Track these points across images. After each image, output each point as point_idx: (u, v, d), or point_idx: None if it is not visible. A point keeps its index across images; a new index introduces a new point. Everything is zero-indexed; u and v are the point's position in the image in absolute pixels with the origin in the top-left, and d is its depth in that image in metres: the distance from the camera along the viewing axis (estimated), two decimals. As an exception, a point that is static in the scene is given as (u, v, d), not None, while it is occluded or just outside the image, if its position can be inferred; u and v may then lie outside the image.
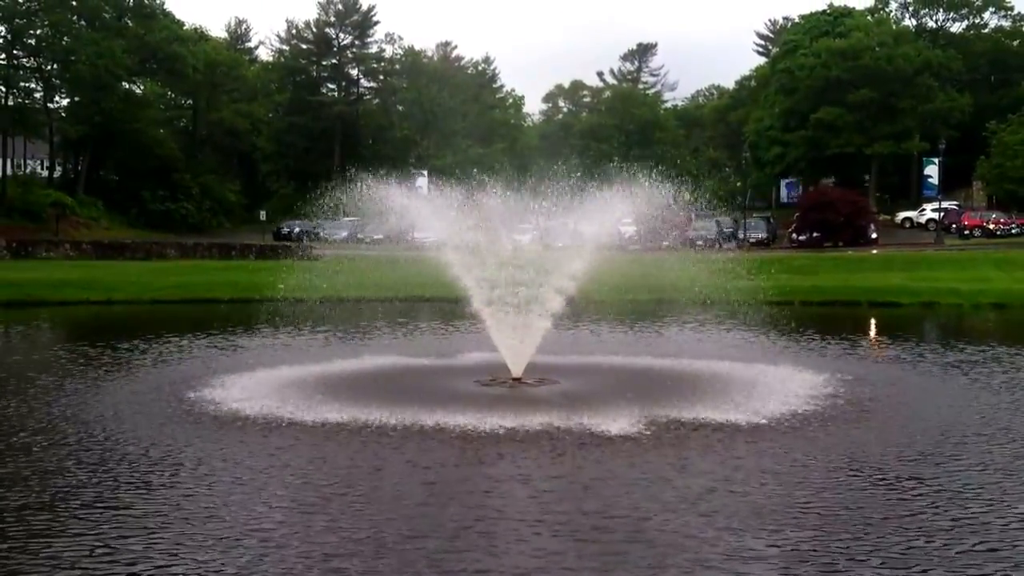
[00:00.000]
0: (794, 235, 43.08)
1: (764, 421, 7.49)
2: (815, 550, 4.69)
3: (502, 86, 75.08)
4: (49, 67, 48.38)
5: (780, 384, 9.10)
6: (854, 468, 6.24)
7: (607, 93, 75.31)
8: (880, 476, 6.06)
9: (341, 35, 66.07)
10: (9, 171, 48.45)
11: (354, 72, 67.02)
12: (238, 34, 72.67)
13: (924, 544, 4.79)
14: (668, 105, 78.97)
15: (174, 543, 4.80)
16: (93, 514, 5.31)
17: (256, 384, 9.15)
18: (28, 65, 48.50)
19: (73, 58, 46.02)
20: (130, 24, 51.13)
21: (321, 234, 34.51)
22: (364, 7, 65.73)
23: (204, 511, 5.36)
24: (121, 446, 6.93)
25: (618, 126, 67.16)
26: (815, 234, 41.44)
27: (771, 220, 48.15)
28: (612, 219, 10.68)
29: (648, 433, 7.08)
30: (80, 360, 11.47)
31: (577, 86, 76.74)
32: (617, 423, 7.25)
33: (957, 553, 4.65)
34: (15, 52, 47.44)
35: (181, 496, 5.66)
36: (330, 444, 6.88)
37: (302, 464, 6.33)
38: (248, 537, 4.89)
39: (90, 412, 8.15)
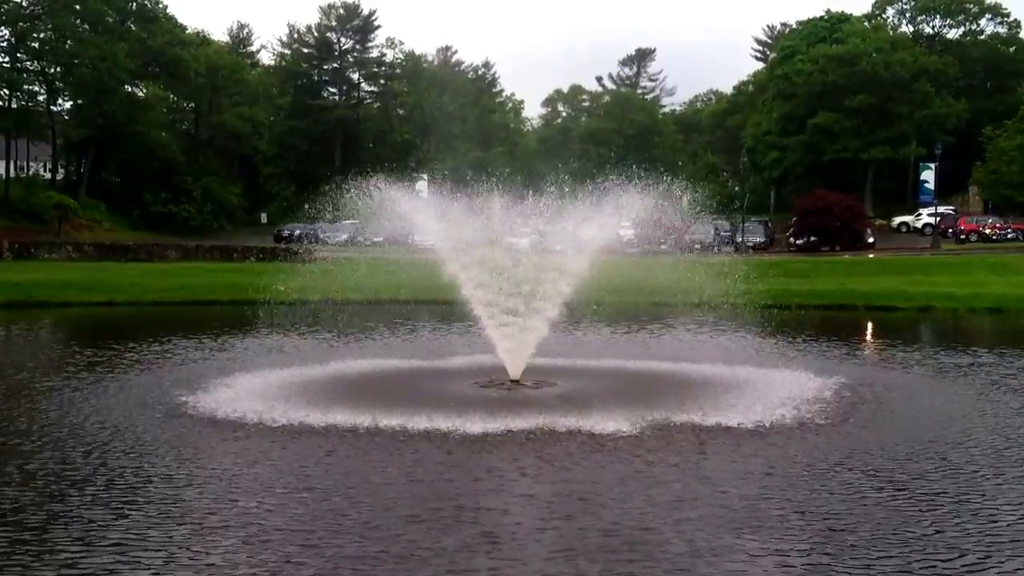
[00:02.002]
0: (791, 239, 43.33)
1: (765, 425, 7.46)
2: (833, 569, 4.42)
3: (502, 90, 75.49)
4: (52, 70, 48.53)
5: (780, 387, 9.09)
6: (868, 476, 6.06)
7: (606, 98, 75.56)
8: (895, 485, 5.87)
9: (342, 39, 66.30)
10: (12, 173, 48.57)
11: (355, 76, 67.23)
12: (240, 38, 72.89)
13: (953, 560, 4.54)
14: (666, 110, 79.22)
15: (160, 561, 4.55)
16: (58, 529, 5.04)
17: (252, 387, 9.10)
18: (31, 68, 48.63)
19: (76, 61, 46.17)
20: (133, 28, 51.33)
21: (321, 237, 34.64)
22: (365, 12, 66.01)
23: (192, 522, 5.11)
24: (108, 452, 6.73)
25: (617, 130, 67.39)
26: (812, 238, 41.69)
27: (769, 224, 48.39)
28: (611, 223, 10.81)
29: (646, 436, 7.05)
30: (76, 361, 11.47)
31: (576, 91, 76.98)
32: (614, 426, 7.25)
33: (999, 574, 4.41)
34: (19, 55, 47.59)
35: (168, 506, 5.43)
36: (326, 448, 6.73)
37: (294, 471, 6.12)
38: (238, 550, 4.67)
39: (79, 414, 8.05)
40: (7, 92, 46.76)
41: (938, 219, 44.54)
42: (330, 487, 5.85)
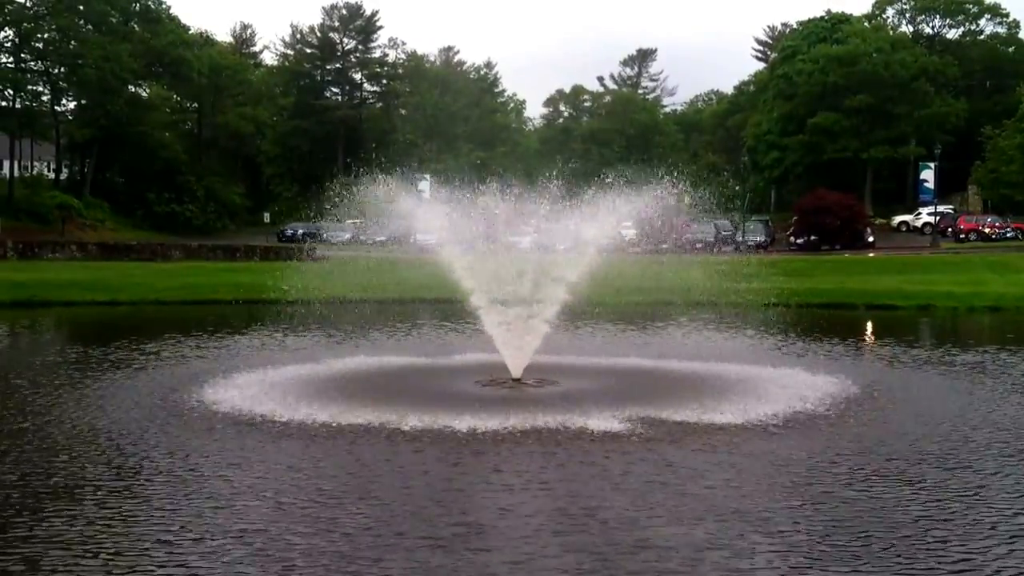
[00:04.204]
0: (792, 238, 43.49)
1: (768, 424, 7.34)
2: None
3: (503, 91, 75.69)
4: (56, 70, 48.73)
5: (782, 386, 9.03)
6: (902, 483, 5.82)
7: (607, 98, 75.61)
8: (931, 492, 5.61)
9: (345, 40, 66.54)
10: (16, 173, 48.76)
11: (357, 76, 67.47)
12: (243, 38, 73.17)
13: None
14: (667, 110, 79.38)
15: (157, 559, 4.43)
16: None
17: (255, 385, 9.05)
18: (35, 68, 48.86)
19: (80, 62, 46.37)
20: (136, 28, 51.55)
21: (324, 236, 34.77)
22: (368, 12, 66.25)
23: (185, 522, 4.98)
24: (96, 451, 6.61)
25: (618, 131, 67.55)
26: (812, 237, 41.84)
27: (769, 223, 48.54)
28: (612, 222, 10.80)
29: (648, 435, 6.96)
30: (75, 361, 11.45)
31: (578, 91, 77.02)
32: (616, 425, 7.18)
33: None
34: (23, 55, 47.80)
35: (164, 503, 5.34)
36: (325, 446, 6.65)
37: (281, 473, 5.96)
38: (231, 556, 4.51)
39: (74, 414, 7.91)
40: (11, 92, 47.01)
41: (937, 218, 44.65)
42: (317, 492, 5.59)
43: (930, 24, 59.60)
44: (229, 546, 4.69)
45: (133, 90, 52.41)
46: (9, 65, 47.19)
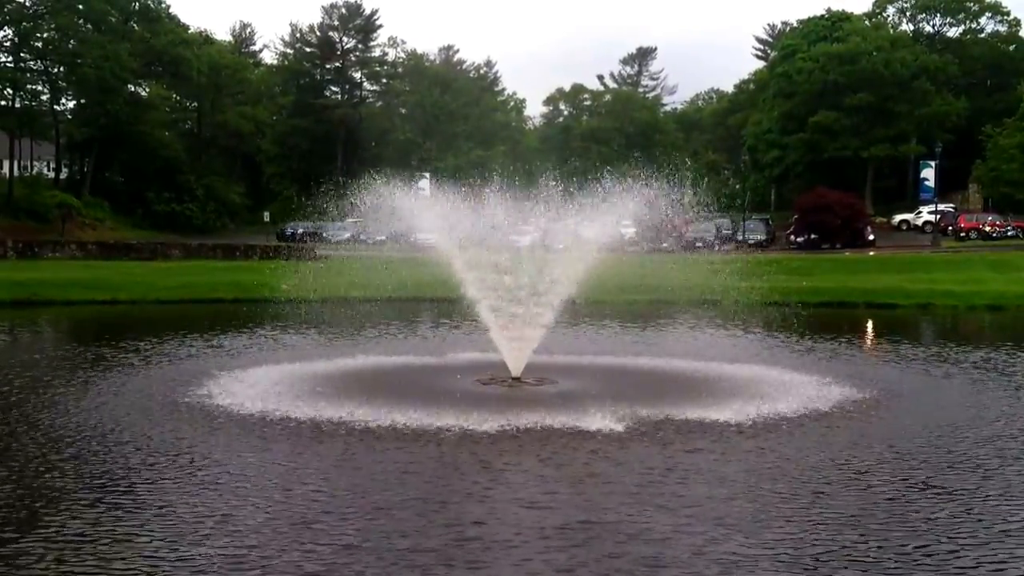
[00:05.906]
0: (792, 237, 43.45)
1: (779, 425, 7.26)
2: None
3: (503, 89, 75.54)
4: (56, 70, 48.73)
5: (783, 385, 8.97)
6: (903, 482, 5.73)
7: (607, 96, 75.55)
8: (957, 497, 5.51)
9: (345, 39, 66.53)
10: (16, 172, 48.76)
11: (357, 75, 67.47)
12: (243, 37, 73.11)
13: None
14: (667, 108, 79.35)
15: (159, 553, 4.43)
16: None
17: (255, 382, 9.08)
18: (35, 68, 48.86)
19: (79, 61, 46.36)
20: (136, 27, 51.54)
21: (324, 235, 34.73)
22: (367, 11, 66.24)
23: (175, 531, 4.88)
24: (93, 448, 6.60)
25: (618, 129, 67.52)
26: (813, 236, 41.81)
27: (769, 222, 48.52)
28: (612, 221, 10.78)
29: (648, 434, 6.92)
30: (74, 360, 11.44)
31: (578, 89, 76.95)
32: (615, 424, 7.16)
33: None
34: (22, 55, 47.79)
35: (155, 511, 5.24)
36: (321, 448, 6.59)
37: (274, 472, 5.92)
38: (226, 559, 4.43)
39: (70, 412, 7.88)
40: (11, 91, 47.01)
41: (938, 217, 44.62)
42: (310, 492, 5.54)
43: (930, 22, 59.55)
44: (216, 558, 4.50)
45: (132, 89, 52.40)
46: (8, 64, 47.18)
